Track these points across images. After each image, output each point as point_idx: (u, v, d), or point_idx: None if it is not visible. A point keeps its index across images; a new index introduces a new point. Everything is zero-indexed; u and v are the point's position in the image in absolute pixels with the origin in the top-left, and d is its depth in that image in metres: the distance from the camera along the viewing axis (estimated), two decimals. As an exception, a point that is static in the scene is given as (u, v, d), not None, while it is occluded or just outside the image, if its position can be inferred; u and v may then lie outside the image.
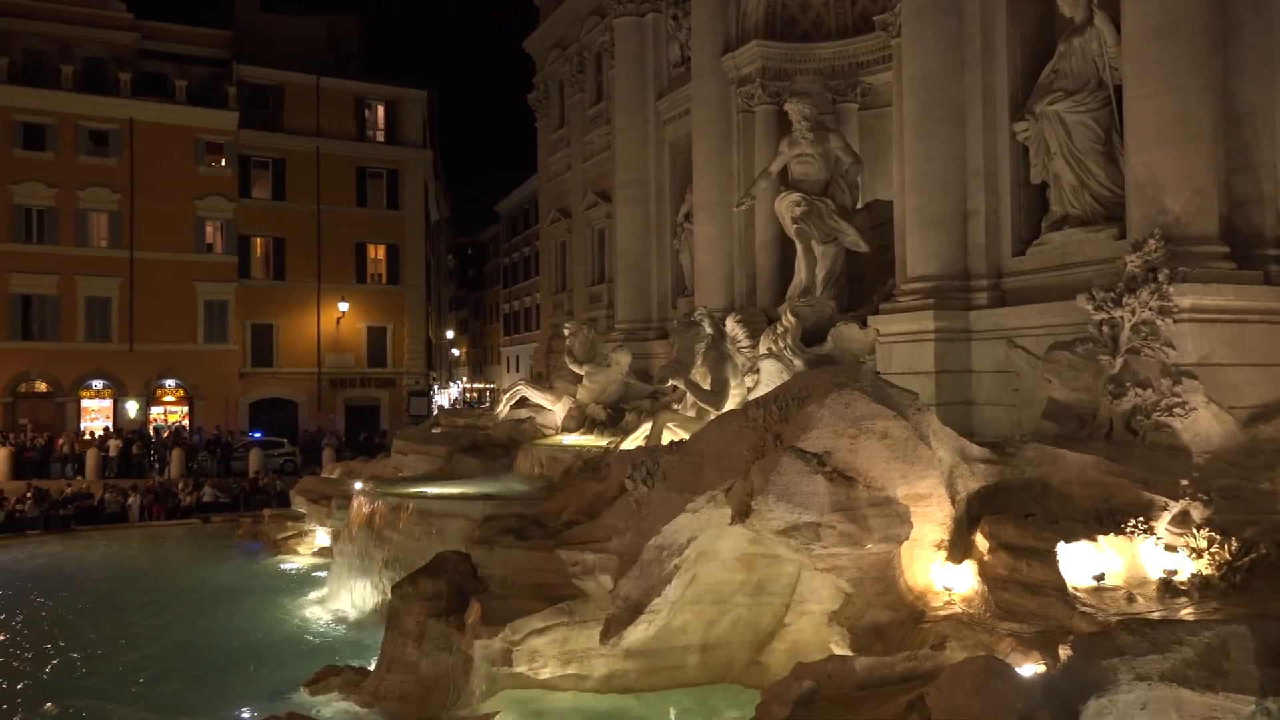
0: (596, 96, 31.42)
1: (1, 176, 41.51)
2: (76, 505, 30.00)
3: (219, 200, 45.46)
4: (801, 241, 19.59)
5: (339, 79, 49.10)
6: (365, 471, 25.61)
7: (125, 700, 13.66)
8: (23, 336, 42.20)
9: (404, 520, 16.94)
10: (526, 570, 13.08)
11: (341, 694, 12.75)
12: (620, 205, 27.63)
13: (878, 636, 10.25)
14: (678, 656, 12.33)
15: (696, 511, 11.20)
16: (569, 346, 22.97)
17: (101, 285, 43.39)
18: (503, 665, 12.05)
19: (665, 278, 26.52)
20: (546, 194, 37.17)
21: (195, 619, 18.31)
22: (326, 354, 48.46)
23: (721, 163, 22.61)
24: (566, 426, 21.89)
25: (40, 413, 42.08)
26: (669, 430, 16.95)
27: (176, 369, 44.91)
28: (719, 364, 17.25)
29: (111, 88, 43.76)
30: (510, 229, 71.27)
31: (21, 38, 43.04)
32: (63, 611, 19.21)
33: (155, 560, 25.28)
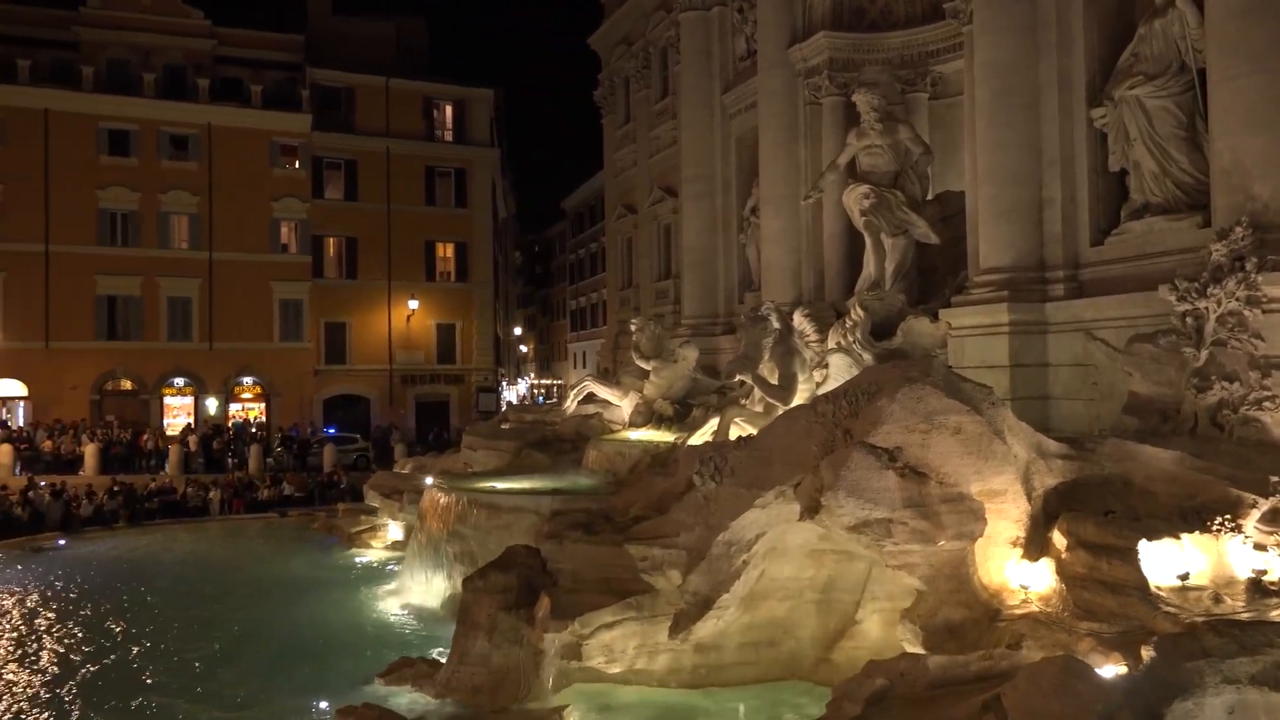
0: (662, 92, 31.39)
1: (89, 181, 43.01)
2: (160, 499, 30.98)
3: (293, 201, 46.54)
4: (870, 234, 19.33)
5: (407, 80, 49.84)
6: (436, 467, 25.97)
7: (205, 688, 14.07)
8: (109, 336, 43.72)
9: (474, 515, 17.15)
10: (595, 565, 13.13)
11: (414, 685, 12.95)
12: (686, 200, 27.57)
13: (951, 635, 10.07)
14: (747, 652, 12.29)
15: (765, 507, 11.13)
16: (636, 342, 23.00)
17: (182, 286, 44.75)
18: (572, 659, 12.13)
19: (732, 272, 26.39)
20: (612, 190, 37.27)
21: (273, 610, 18.76)
22: (397, 351, 49.29)
23: (788, 156, 22.41)
24: (633, 422, 21.93)
25: (125, 410, 43.57)
26: (736, 425, 16.88)
27: (254, 367, 46.12)
28: (787, 359, 17.12)
29: (190, 94, 45.08)
30: (576, 226, 71.64)
31: (106, 48, 44.58)
32: (146, 601, 19.85)
33: (234, 552, 25.97)
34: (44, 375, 42.17)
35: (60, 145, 42.55)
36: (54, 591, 20.92)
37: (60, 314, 42.50)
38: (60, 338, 42.46)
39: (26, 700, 13.81)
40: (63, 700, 13.82)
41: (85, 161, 43.02)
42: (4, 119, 41.99)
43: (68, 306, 42.62)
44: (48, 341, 42.25)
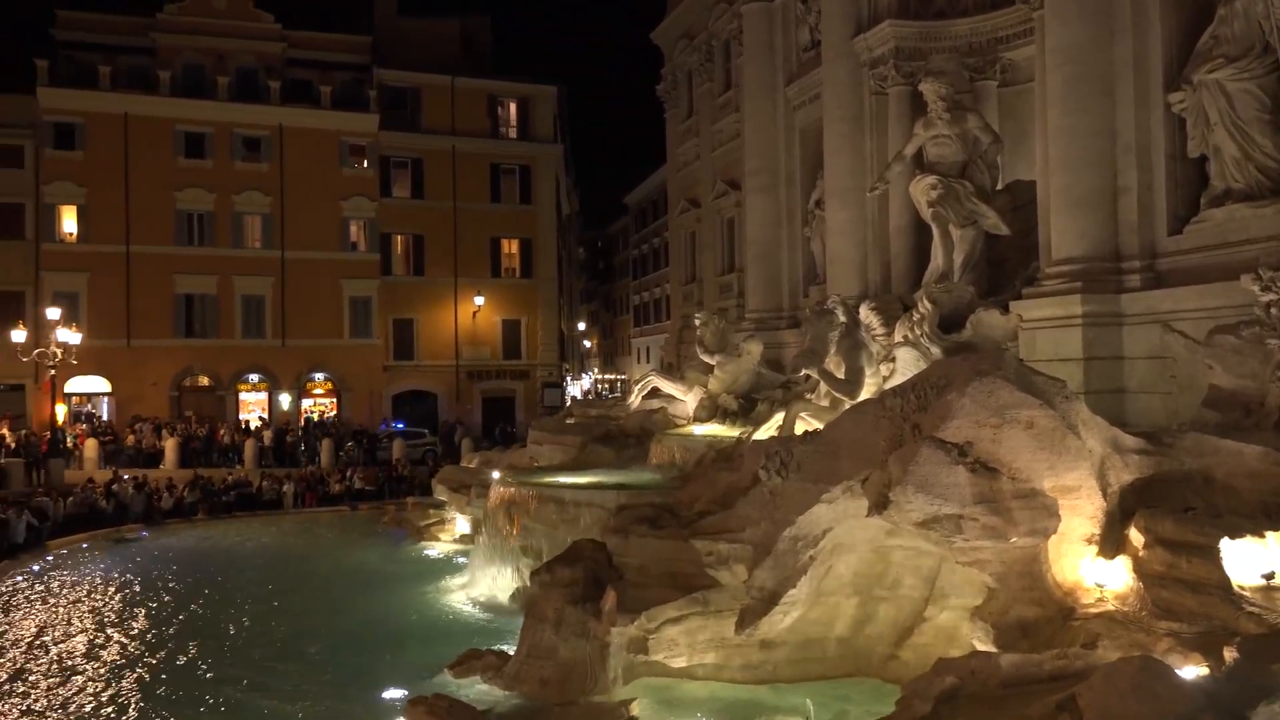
0: (725, 85, 31.26)
1: (166, 183, 44.32)
2: (237, 492, 31.86)
3: (362, 200, 47.39)
4: (938, 226, 19.02)
5: (472, 78, 50.35)
6: (502, 461, 26.26)
7: (278, 677, 14.43)
8: (186, 334, 45.04)
9: (540, 509, 17.32)
10: (661, 559, 13.17)
11: (483, 677, 13.12)
12: (750, 193, 27.43)
13: (1023, 633, 9.89)
14: (814, 648, 12.22)
15: (832, 502, 11.04)
16: (699, 337, 22.96)
17: (256, 284, 45.88)
18: (638, 653, 12.18)
19: (796, 266, 26.19)
20: (675, 184, 37.25)
21: (345, 601, 19.18)
22: (464, 347, 49.91)
23: (853, 147, 22.15)
24: (698, 417, 21.90)
25: (203, 405, 44.86)
26: (802, 420, 16.77)
27: (325, 363, 47.12)
28: (853, 352, 16.96)
29: (262, 96, 46.14)
30: (639, 221, 71.71)
31: (181, 52, 45.85)
32: (224, 591, 20.44)
33: (308, 545, 26.60)
34: (126, 372, 43.62)
35: (139, 149, 43.91)
36: (136, 581, 21.65)
37: (141, 313, 43.91)
38: (141, 336, 43.87)
39: (105, 683, 14.33)
40: (140, 684, 14.31)
41: (163, 164, 44.34)
42: (86, 124, 43.47)
43: (148, 305, 44.01)
44: (129, 339, 43.68)
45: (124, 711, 13.16)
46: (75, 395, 43.39)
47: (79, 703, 13.59)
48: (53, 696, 13.87)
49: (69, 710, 13.32)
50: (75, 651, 16.20)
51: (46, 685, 14.36)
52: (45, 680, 14.61)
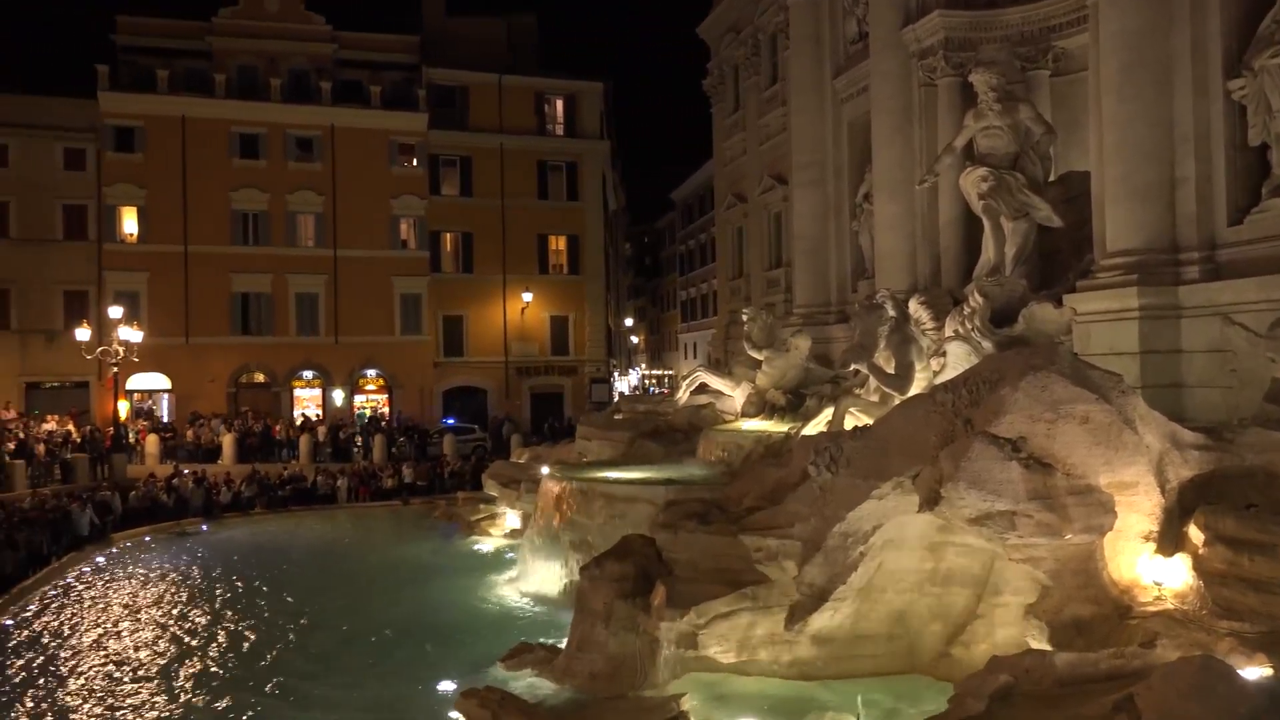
0: (772, 79, 31.11)
1: (222, 184, 45.19)
2: (292, 487, 32.44)
3: (412, 199, 47.91)
4: (989, 218, 18.76)
5: (519, 76, 50.59)
6: (551, 456, 26.44)
7: (332, 667, 14.73)
8: (243, 331, 45.90)
9: (589, 504, 17.43)
10: (710, 555, 13.19)
11: (534, 670, 13.26)
12: (797, 187, 27.28)
13: (1079, 632, 9.77)
14: (864, 645, 12.16)
15: (882, 498, 10.99)
16: (747, 332, 22.92)
17: (309, 282, 46.60)
18: (688, 648, 12.22)
19: (844, 260, 25.99)
20: (722, 179, 37.15)
21: (398, 594, 19.47)
22: (512, 343, 50.26)
23: (902, 140, 21.93)
24: (746, 412, 21.87)
25: (259, 401, 45.70)
26: (851, 415, 16.68)
27: (377, 359, 47.75)
28: (903, 347, 16.82)
29: (314, 97, 46.81)
30: (686, 216, 71.60)
31: (236, 55, 46.70)
32: (280, 583, 20.86)
33: (361, 538, 27.03)
34: (185, 369, 44.57)
35: (196, 150, 44.80)
36: (196, 573, 22.18)
37: (199, 311, 44.84)
38: (199, 333, 44.81)
39: (167, 669, 14.73)
40: (200, 671, 14.70)
41: (219, 165, 45.20)
42: (145, 127, 44.44)
43: (205, 304, 44.92)
44: (188, 337, 44.62)
45: (184, 697, 13.52)
46: (137, 392, 44.43)
47: (142, 687, 14.00)
48: (117, 681, 14.29)
49: (133, 693, 13.72)
50: (138, 639, 16.66)
51: (111, 670, 14.80)
52: (109, 665, 15.05)
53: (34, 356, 43.75)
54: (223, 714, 12.79)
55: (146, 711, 13.07)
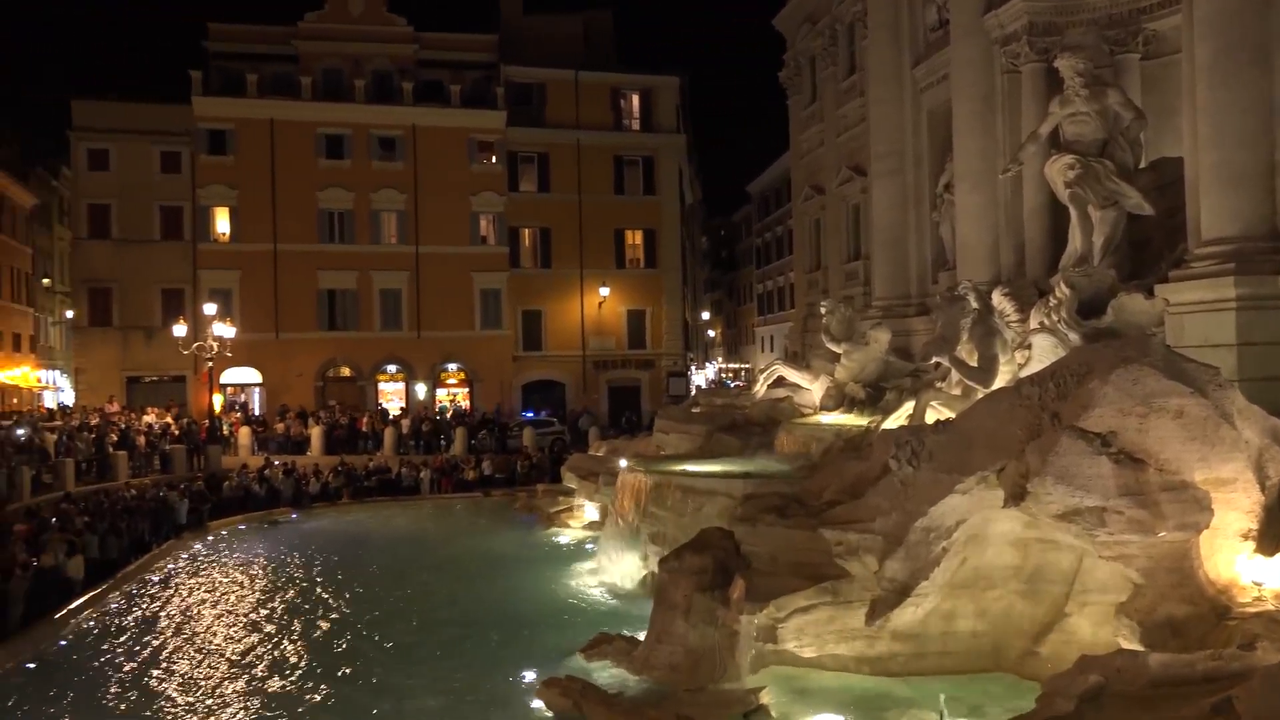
0: (849, 69, 30.72)
1: (309, 184, 46.46)
2: (378, 478, 33.26)
3: (490, 195, 48.58)
4: (1076, 207, 18.25)
5: (595, 72, 50.87)
6: (629, 450, 26.60)
7: (415, 655, 15.10)
8: (329, 327, 47.16)
9: (667, 497, 17.51)
10: (789, 548, 13.17)
11: (614, 661, 13.41)
12: (876, 178, 26.90)
13: (1173, 632, 9.51)
14: (947, 642, 12.01)
15: (966, 493, 10.84)
16: (825, 325, 22.72)
17: (392, 279, 47.64)
18: (767, 641, 12.23)
19: (924, 251, 25.56)
20: (799, 171, 36.83)
21: (480, 584, 19.84)
22: (590, 337, 50.63)
23: (984, 128, 21.46)
24: (824, 406, 21.70)
25: (345, 395, 46.91)
26: (933, 409, 16.42)
27: (457, 354, 48.59)
28: (986, 339, 16.50)
29: (396, 97, 47.77)
30: (762, 209, 71.16)
31: (321, 58, 47.90)
32: (366, 572, 21.44)
33: (444, 529, 27.58)
34: (275, 364, 46.02)
35: (284, 152, 46.14)
36: (287, 560, 22.93)
37: (288, 307, 46.21)
38: (288, 329, 46.20)
39: (257, 652, 15.28)
40: (288, 655, 15.22)
41: (306, 166, 46.47)
42: (236, 130, 45.94)
43: (294, 300, 46.28)
44: (278, 333, 46.04)
45: (270, 680, 14.02)
46: (230, 386, 46.03)
47: (231, 669, 14.57)
48: (208, 662, 14.88)
49: (223, 675, 14.28)
50: (229, 623, 17.33)
51: (202, 652, 15.42)
52: (201, 647, 15.69)
53: (134, 352, 45.74)
54: (309, 699, 13.20)
55: (233, 691, 13.61)
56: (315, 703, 13.01)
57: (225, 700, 13.28)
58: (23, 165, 53.91)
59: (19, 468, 26.18)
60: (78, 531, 20.69)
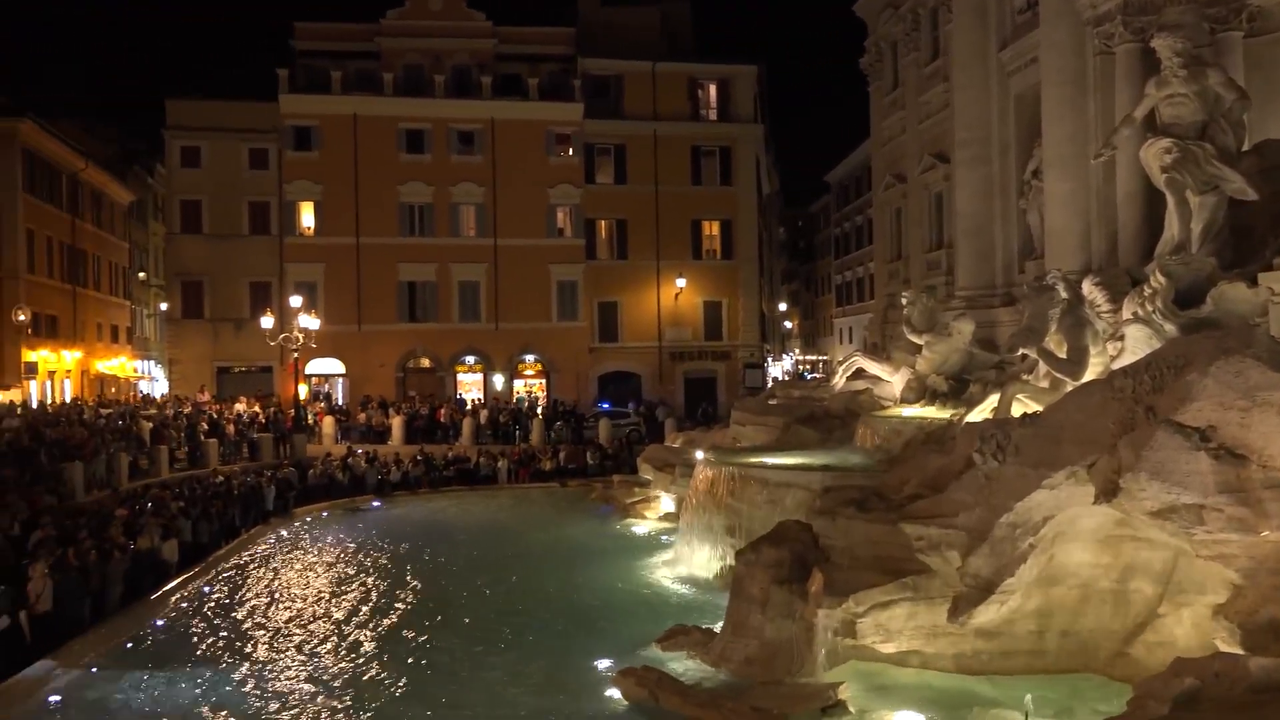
0: (932, 54, 30.06)
1: (390, 178, 47.32)
2: (456, 468, 33.74)
3: (567, 188, 48.86)
4: (1173, 192, 17.52)
5: (672, 63, 50.75)
6: (705, 441, 26.49)
7: (491, 642, 15.26)
8: (410, 319, 48.03)
9: (745, 489, 17.39)
10: (868, 542, 12.96)
11: (690, 652, 13.37)
12: (960, 166, 26.28)
13: (1275, 636, 9.08)
14: (1033, 640, 11.69)
15: (1054, 489, 10.51)
16: (906, 316, 22.30)
17: (471, 271, 48.29)
18: (846, 636, 12.05)
19: (1010, 240, 24.90)
20: (880, 159, 36.21)
21: (556, 574, 19.97)
22: (666, 328, 50.62)
23: (1075, 112, 20.76)
24: (905, 398, 21.31)
25: (424, 385, 47.75)
26: (1019, 402, 15.96)
27: (534, 345, 49.05)
28: (1076, 330, 15.98)
29: (475, 91, 48.33)
30: (841, 198, 70.23)
31: (402, 54, 48.72)
32: (445, 560, 21.78)
33: (521, 518, 27.85)
34: (357, 355, 47.08)
35: (366, 147, 47.07)
36: (369, 547, 23.41)
37: (370, 299, 47.21)
38: (370, 321, 47.19)
39: (341, 635, 15.62)
40: (369, 639, 15.52)
41: (387, 160, 47.33)
42: (321, 126, 47.01)
43: (375, 292, 47.25)
44: (360, 324, 47.06)
45: (354, 662, 14.32)
46: (315, 376, 47.23)
47: (316, 650, 14.93)
48: (296, 642, 15.27)
49: (309, 655, 14.65)
50: (312, 607, 17.77)
51: (291, 633, 15.83)
52: (290, 628, 16.10)
53: (224, 343, 47.27)
54: (390, 684, 13.43)
55: (316, 672, 13.94)
56: (395, 687, 13.24)
57: (309, 681, 13.60)
58: (120, 164, 56.06)
59: (117, 454, 27.23)
60: (172, 516, 21.43)
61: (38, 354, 43.64)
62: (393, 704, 12.61)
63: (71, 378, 48.15)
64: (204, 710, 12.52)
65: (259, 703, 12.79)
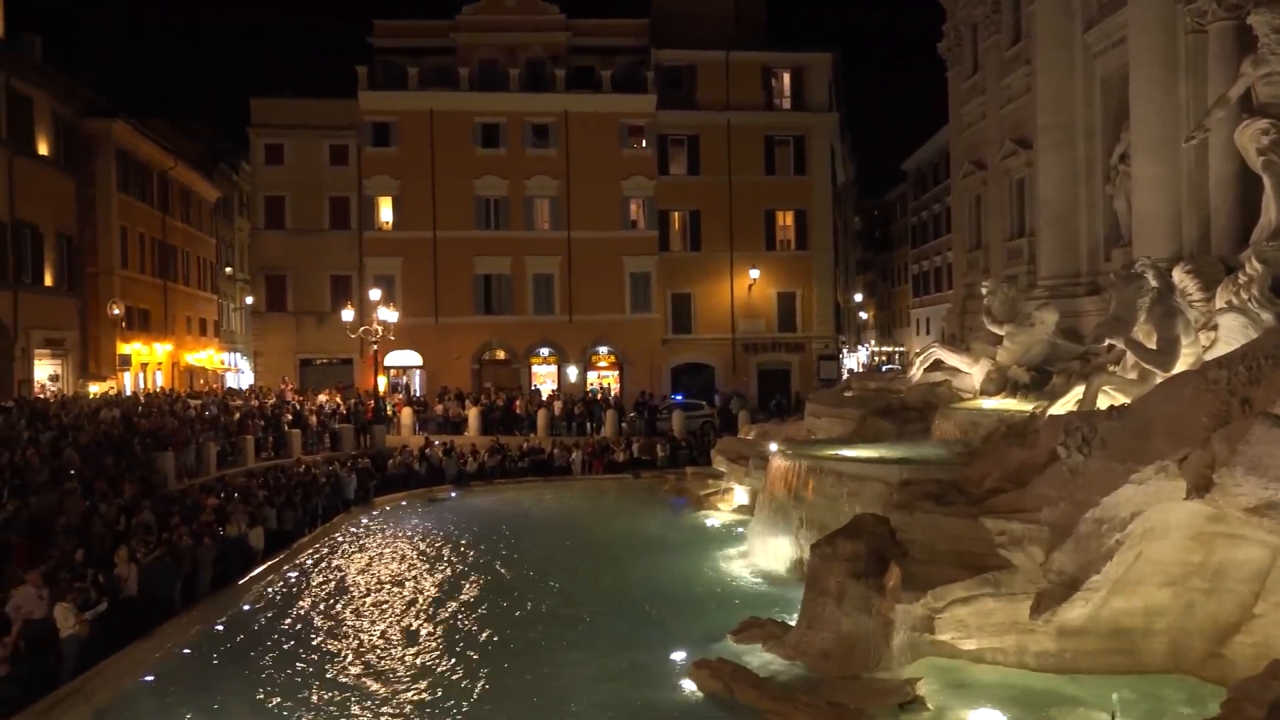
0: (1014, 37, 29.27)
1: (466, 172, 47.93)
2: (531, 459, 34.13)
3: (640, 179, 48.88)
4: (1271, 176, 16.79)
5: (746, 51, 50.34)
6: (779, 433, 26.31)
7: (566, 631, 15.39)
8: (485, 311, 48.64)
9: (820, 482, 17.22)
10: (947, 537, 12.73)
11: (764, 645, 13.31)
12: (1043, 151, 25.56)
13: (1382, 639, 8.67)
14: (1120, 639, 11.36)
15: (1142, 483, 10.19)
16: (986, 306, 21.81)
17: (545, 264, 48.66)
18: (924, 632, 11.87)
19: (1096, 227, 24.14)
20: (958, 146, 35.44)
21: (630, 565, 20.06)
22: (739, 320, 50.35)
23: (1165, 94, 20.01)
24: (985, 390, 20.86)
25: (500, 377, 48.34)
26: (1105, 394, 15.50)
27: (608, 337, 49.24)
28: (1166, 320, 15.42)
29: (549, 85, 48.61)
30: (918, 187, 68.98)
31: (478, 49, 49.25)
32: (520, 550, 22.02)
33: (595, 509, 28.05)
34: (434, 347, 47.85)
35: (442, 141, 47.74)
36: (446, 536, 23.83)
37: (446, 292, 47.93)
38: (446, 313, 47.91)
39: (419, 621, 15.93)
40: (448, 626, 15.79)
41: (463, 154, 47.93)
42: (399, 122, 47.83)
43: (452, 285, 47.95)
44: (437, 317, 47.82)
45: (433, 648, 14.59)
46: (393, 368, 48.18)
47: (397, 636, 15.26)
48: (377, 629, 15.62)
49: (389, 641, 14.97)
50: (395, 594, 18.15)
51: (372, 619, 16.20)
52: (371, 615, 16.48)
53: (306, 336, 48.52)
54: (467, 671, 13.62)
55: (397, 658, 14.25)
56: (474, 675, 13.41)
57: (392, 666, 13.91)
58: (208, 161, 57.87)
59: (206, 444, 28.15)
60: (258, 504, 22.09)
61: (131, 347, 45.41)
62: (473, 691, 12.78)
63: (163, 370, 49.95)
64: (292, 691, 12.88)
65: (346, 685, 13.11)
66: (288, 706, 12.34)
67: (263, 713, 12.25)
